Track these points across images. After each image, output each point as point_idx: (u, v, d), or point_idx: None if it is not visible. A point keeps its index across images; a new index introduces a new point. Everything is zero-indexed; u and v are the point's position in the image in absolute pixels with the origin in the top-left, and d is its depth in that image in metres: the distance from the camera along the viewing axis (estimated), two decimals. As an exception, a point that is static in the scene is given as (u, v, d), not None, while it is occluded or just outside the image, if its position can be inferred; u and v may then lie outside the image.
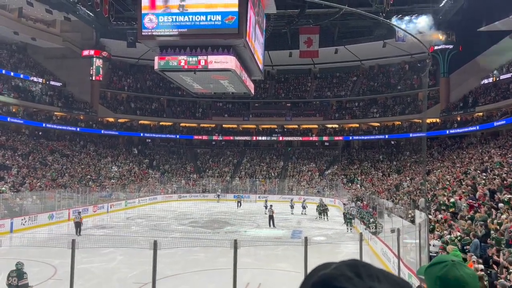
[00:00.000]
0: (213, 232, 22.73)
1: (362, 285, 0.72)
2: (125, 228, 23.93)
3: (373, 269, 0.77)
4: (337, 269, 0.76)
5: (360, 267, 0.76)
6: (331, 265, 0.79)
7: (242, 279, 10.81)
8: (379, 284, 0.73)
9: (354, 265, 0.77)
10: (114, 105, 50.78)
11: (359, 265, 0.77)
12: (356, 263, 0.78)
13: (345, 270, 0.75)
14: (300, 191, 42.50)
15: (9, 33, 42.06)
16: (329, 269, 0.77)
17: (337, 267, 0.77)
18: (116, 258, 16.08)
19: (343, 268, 0.76)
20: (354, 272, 0.75)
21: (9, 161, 32.54)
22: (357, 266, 0.76)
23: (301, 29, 40.20)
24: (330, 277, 0.74)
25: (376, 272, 0.76)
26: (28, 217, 23.69)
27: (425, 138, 37.11)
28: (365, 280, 0.73)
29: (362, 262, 0.78)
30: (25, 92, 42.00)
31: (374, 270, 0.76)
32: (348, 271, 0.75)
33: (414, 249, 12.36)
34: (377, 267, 0.79)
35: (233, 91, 21.84)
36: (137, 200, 37.01)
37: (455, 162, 31.28)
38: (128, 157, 47.22)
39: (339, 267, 0.76)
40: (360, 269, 0.75)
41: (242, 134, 52.97)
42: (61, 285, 11.50)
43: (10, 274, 9.46)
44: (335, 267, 0.77)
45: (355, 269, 0.75)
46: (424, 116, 41.37)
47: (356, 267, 0.76)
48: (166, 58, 17.09)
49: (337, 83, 54.27)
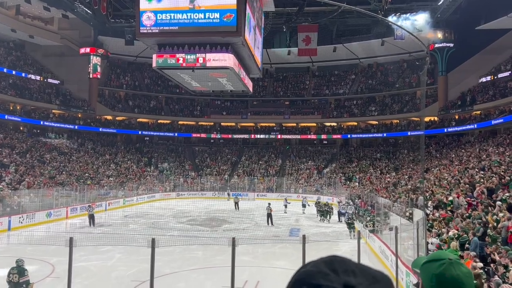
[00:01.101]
0: (211, 230, 22.74)
1: (338, 281, 0.74)
2: (123, 226, 23.92)
3: (349, 264, 0.78)
4: (314, 266, 0.79)
5: (336, 263, 0.78)
6: (311, 263, 0.82)
7: (240, 277, 10.83)
8: (354, 279, 0.75)
9: (330, 262, 0.79)
10: (112, 103, 50.68)
11: (335, 261, 0.79)
12: (332, 259, 0.80)
13: (321, 266, 0.78)
14: (299, 189, 42.53)
15: (7, 30, 41.92)
16: (307, 267, 0.79)
17: (314, 264, 0.79)
18: (114, 256, 16.07)
19: (320, 265, 0.78)
20: (330, 268, 0.77)
21: (7, 159, 32.46)
22: (333, 262, 0.79)
23: (300, 27, 40.17)
24: (307, 274, 0.77)
25: (352, 267, 0.78)
26: (26, 215, 23.65)
27: (423, 136, 37.20)
28: (340, 276, 0.75)
29: (339, 257, 0.81)
30: (22, 90, 41.88)
31: (350, 265, 0.78)
32: (325, 267, 0.77)
33: (412, 247, 12.39)
34: (354, 262, 0.81)
35: (231, 89, 21.82)
36: (135, 198, 36.99)
37: (453, 160, 31.35)
38: (126, 155, 47.16)
39: (316, 264, 0.79)
40: (335, 265, 0.78)
41: (241, 132, 52.95)
42: (59, 283, 11.50)
43: (10, 271, 9.45)
44: (313, 264, 0.80)
45: (331, 265, 0.78)
46: (422, 115, 41.43)
47: (332, 263, 0.78)
48: (164, 56, 17.06)
49: (336, 81, 54.27)
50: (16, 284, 9.33)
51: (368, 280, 0.76)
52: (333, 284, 0.74)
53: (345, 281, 0.74)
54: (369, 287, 0.75)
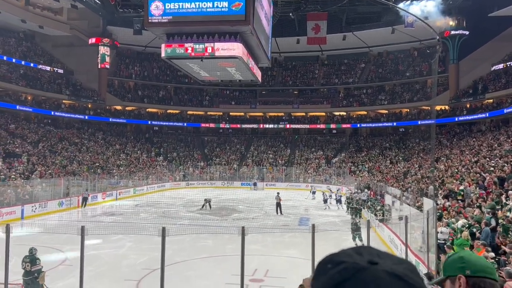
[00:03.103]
0: (221, 219, 22.89)
1: (361, 260, 0.76)
2: (134, 215, 24.17)
3: (375, 250, 0.81)
4: (342, 250, 0.82)
5: (362, 248, 0.81)
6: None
7: (250, 265, 10.91)
8: (378, 259, 0.77)
9: (357, 248, 0.82)
10: (122, 93, 50.90)
11: (361, 248, 0.82)
12: (360, 247, 0.83)
13: (347, 250, 0.81)
14: (308, 179, 42.54)
15: (17, 21, 42.13)
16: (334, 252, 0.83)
17: (342, 250, 0.82)
18: (125, 244, 16.28)
19: (347, 249, 0.82)
20: (355, 251, 0.80)
21: (19, 149, 32.86)
22: (360, 248, 0.82)
23: (309, 15, 39.75)
24: (331, 255, 0.80)
25: (378, 251, 0.80)
26: (38, 204, 24.02)
27: (434, 125, 36.78)
28: (364, 256, 0.77)
29: (367, 246, 0.84)
30: (33, 80, 42.20)
31: (375, 250, 0.81)
32: (350, 250, 0.81)
33: (421, 237, 12.35)
34: (380, 250, 0.83)
35: (240, 79, 21.73)
36: (145, 187, 37.32)
37: (464, 149, 31.04)
38: (136, 145, 47.49)
39: (343, 250, 0.82)
40: (361, 250, 0.81)
41: (249, 122, 52.93)
42: (72, 271, 11.70)
43: (24, 260, 9.55)
44: (340, 250, 0.83)
45: (357, 249, 0.81)
46: (433, 103, 40.97)
47: (359, 248, 0.81)
48: (172, 45, 17.00)
49: (345, 70, 53.82)
50: (28, 273, 9.43)
51: (392, 261, 0.77)
52: (356, 261, 0.76)
53: (369, 259, 0.76)
54: (392, 266, 0.76)
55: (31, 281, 9.43)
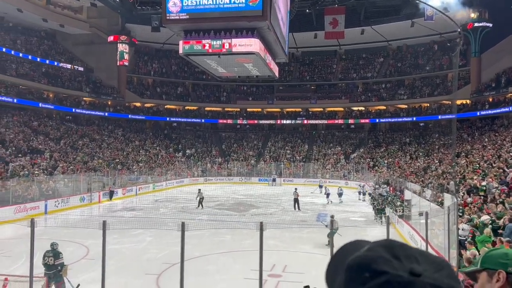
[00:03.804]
0: (239, 215, 23.00)
1: (402, 268, 0.68)
2: (153, 210, 24.51)
3: (409, 250, 0.73)
4: (372, 250, 0.72)
5: (396, 247, 0.72)
6: (361, 245, 0.76)
7: (268, 260, 10.95)
8: (418, 265, 0.69)
9: (389, 246, 0.73)
10: (141, 90, 51.49)
11: (394, 246, 0.73)
12: (391, 244, 0.74)
13: (381, 251, 0.71)
14: (325, 175, 42.33)
15: (38, 20, 42.97)
16: (363, 251, 0.73)
17: (371, 248, 0.73)
18: (145, 239, 16.53)
19: (379, 249, 0.72)
20: (391, 253, 0.71)
21: (42, 145, 33.62)
22: (393, 247, 0.72)
23: (326, 10, 39.38)
24: (366, 259, 0.70)
25: (413, 252, 0.73)
26: (61, 199, 24.57)
27: (454, 120, 36.07)
28: (403, 262, 0.69)
29: (397, 242, 0.75)
30: (55, 78, 43.04)
31: (411, 251, 0.73)
32: (385, 252, 0.71)
33: (442, 233, 12.18)
34: (413, 246, 0.77)
35: (257, 74, 21.71)
36: (164, 183, 37.74)
37: (486, 144, 30.39)
38: (155, 141, 48.03)
39: (373, 248, 0.73)
40: (396, 250, 0.71)
41: (267, 117, 52.89)
42: (93, 264, 11.93)
43: (46, 254, 9.74)
44: (369, 248, 0.73)
45: (391, 251, 0.71)
46: (454, 97, 40.18)
47: (392, 248, 0.72)
48: (190, 42, 17.09)
49: (364, 64, 53.21)
50: (51, 267, 9.62)
51: (432, 267, 0.70)
52: (398, 272, 0.67)
53: (410, 268, 0.68)
54: (434, 274, 0.69)
55: (54, 274, 9.63)
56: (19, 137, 32.78)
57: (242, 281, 11.35)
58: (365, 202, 27.43)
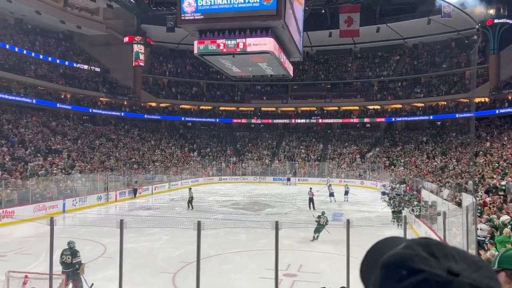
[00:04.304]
0: (254, 214, 23.02)
1: (439, 266, 0.67)
2: (169, 209, 24.70)
3: (447, 248, 0.72)
4: (409, 248, 0.71)
5: (433, 246, 0.71)
6: (395, 242, 0.76)
7: (283, 260, 10.94)
8: (456, 264, 0.68)
9: (426, 244, 0.72)
10: (156, 90, 51.93)
11: (432, 244, 0.72)
12: (428, 242, 0.73)
13: (418, 249, 0.70)
14: (341, 174, 42.08)
15: (56, 22, 43.70)
16: (400, 249, 0.72)
17: (408, 246, 0.72)
18: (161, 238, 16.68)
19: (416, 247, 0.71)
20: (427, 251, 0.70)
21: (60, 145, 34.17)
22: (430, 245, 0.71)
23: (341, 8, 39.14)
24: (403, 257, 0.69)
25: (451, 251, 0.71)
26: (79, 198, 24.95)
27: (473, 118, 35.46)
28: (441, 261, 0.68)
29: (434, 240, 0.74)
30: (72, 79, 43.71)
31: (448, 249, 0.72)
32: (422, 250, 0.70)
33: (460, 233, 11.99)
34: (449, 245, 0.76)
35: (271, 74, 21.67)
36: (179, 182, 38.00)
37: (506, 143, 29.80)
38: (170, 140, 48.40)
39: (410, 246, 0.71)
40: (433, 248, 0.70)
41: (281, 117, 52.80)
42: (111, 263, 12.10)
43: (63, 253, 9.85)
44: (405, 246, 0.72)
45: (428, 249, 0.70)
46: (472, 95, 39.48)
47: (429, 246, 0.71)
48: (205, 42, 17.15)
49: (379, 62, 52.69)
50: (69, 265, 9.73)
51: (470, 266, 0.69)
52: (435, 270, 0.67)
53: (448, 267, 0.67)
54: (473, 274, 0.68)
55: (71, 273, 9.75)
56: (38, 137, 33.39)
57: (258, 280, 11.35)
58: (385, 203, 26.79)
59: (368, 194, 32.20)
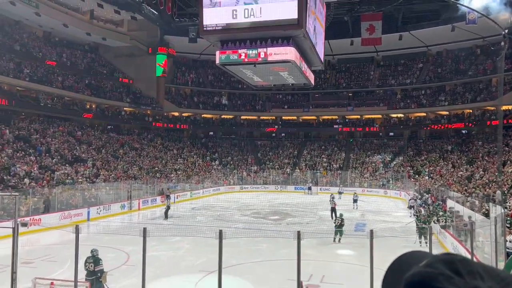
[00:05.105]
0: (275, 224, 22.90)
1: (465, 286, 0.64)
2: (191, 218, 24.83)
3: (472, 265, 0.68)
4: (432, 266, 0.68)
5: (457, 262, 0.68)
6: (418, 256, 0.73)
7: (305, 270, 10.82)
8: (483, 283, 0.65)
9: (450, 261, 0.68)
10: (179, 100, 52.63)
11: (455, 261, 0.68)
12: (452, 259, 0.69)
13: (441, 267, 0.67)
14: (364, 183, 41.52)
15: (82, 34, 44.97)
16: (422, 266, 0.68)
17: (431, 264, 0.68)
18: (183, 246, 16.76)
19: (439, 264, 0.68)
20: (451, 269, 0.67)
21: (85, 154, 34.92)
22: (454, 262, 0.68)
23: (363, 16, 38.90)
24: (426, 276, 0.66)
25: (476, 267, 0.67)
26: (103, 206, 25.36)
27: (500, 126, 34.53)
28: (466, 279, 0.65)
29: (458, 256, 0.70)
30: (97, 89, 44.75)
31: (474, 266, 0.68)
32: (445, 268, 0.67)
33: (488, 245, 11.63)
34: (475, 261, 0.72)
35: (292, 83, 21.63)
36: (201, 191, 38.22)
37: (535, 152, 28.87)
38: (192, 149, 48.85)
39: (433, 264, 0.68)
40: (458, 265, 0.67)
41: (302, 125, 52.59)
42: (134, 271, 12.21)
43: (87, 260, 10.01)
44: (428, 264, 0.69)
45: (452, 266, 0.67)
46: (499, 103, 38.47)
47: (453, 263, 0.68)
48: (226, 52, 17.29)
49: (402, 70, 52.05)
50: (91, 273, 9.88)
51: (498, 283, 0.65)
52: None
53: (474, 286, 0.64)
54: None
55: (94, 281, 9.89)
56: (64, 146, 34.22)
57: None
58: (412, 218, 24.53)
59: (391, 204, 31.64)
